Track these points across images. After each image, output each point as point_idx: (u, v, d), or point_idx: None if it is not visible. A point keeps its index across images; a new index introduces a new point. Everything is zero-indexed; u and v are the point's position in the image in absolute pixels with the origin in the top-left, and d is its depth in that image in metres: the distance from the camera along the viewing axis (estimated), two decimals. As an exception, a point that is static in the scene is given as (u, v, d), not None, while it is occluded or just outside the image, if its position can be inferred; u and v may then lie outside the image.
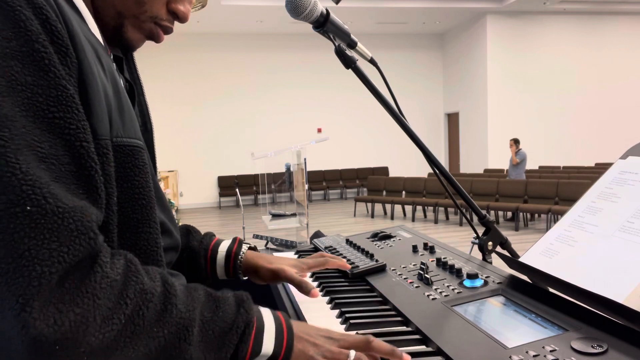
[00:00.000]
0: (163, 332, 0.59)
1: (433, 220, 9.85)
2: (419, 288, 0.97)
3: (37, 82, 0.56)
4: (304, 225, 5.15)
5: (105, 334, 0.54)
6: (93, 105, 0.63)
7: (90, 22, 0.72)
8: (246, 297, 0.71)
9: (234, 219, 11.37)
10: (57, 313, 0.51)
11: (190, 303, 0.64)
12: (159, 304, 0.60)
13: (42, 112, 0.56)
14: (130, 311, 0.57)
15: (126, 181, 0.70)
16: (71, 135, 0.58)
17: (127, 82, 0.87)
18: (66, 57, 0.60)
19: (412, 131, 1.09)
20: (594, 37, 14.02)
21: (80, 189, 0.58)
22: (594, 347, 0.64)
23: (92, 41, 0.69)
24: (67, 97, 0.58)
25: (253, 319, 0.69)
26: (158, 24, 0.80)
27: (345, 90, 13.51)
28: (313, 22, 1.07)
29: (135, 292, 0.58)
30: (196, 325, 0.63)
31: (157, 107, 12.78)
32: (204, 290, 0.69)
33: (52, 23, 0.59)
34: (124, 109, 0.72)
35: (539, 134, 13.79)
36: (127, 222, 0.70)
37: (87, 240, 0.55)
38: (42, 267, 0.51)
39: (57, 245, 0.52)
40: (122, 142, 0.69)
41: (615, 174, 0.94)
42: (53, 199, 0.53)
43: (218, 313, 0.66)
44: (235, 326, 0.67)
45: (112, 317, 0.55)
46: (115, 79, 0.72)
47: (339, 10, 10.98)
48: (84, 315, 0.52)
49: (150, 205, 0.73)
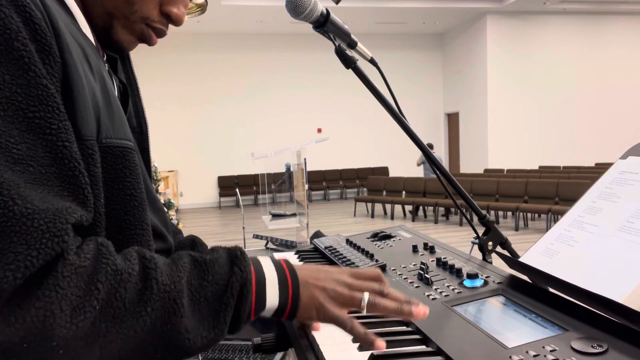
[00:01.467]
0: (146, 310, 0.57)
1: (433, 220, 9.85)
2: (419, 288, 0.97)
3: (15, 80, 0.55)
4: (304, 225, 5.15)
5: (78, 323, 0.52)
6: (78, 105, 0.61)
7: (82, 22, 0.71)
8: (240, 253, 0.68)
9: (234, 219, 11.37)
10: (18, 311, 0.49)
11: (174, 274, 0.61)
12: (138, 282, 0.58)
13: (21, 111, 0.54)
14: (104, 295, 0.54)
15: (117, 183, 0.68)
16: (52, 135, 0.56)
17: (122, 83, 0.85)
18: (49, 56, 0.58)
19: (412, 131, 1.09)
20: (594, 37, 14.02)
21: (64, 191, 0.57)
22: (594, 347, 0.64)
23: (81, 41, 0.67)
24: (48, 96, 0.57)
25: (250, 275, 0.66)
26: (150, 26, 0.77)
27: (345, 90, 13.52)
28: (313, 22, 1.07)
29: (107, 275, 0.55)
30: (185, 296, 0.60)
31: (157, 107, 12.79)
32: (190, 257, 0.65)
33: (35, 21, 0.57)
34: (113, 110, 0.70)
35: (539, 133, 13.79)
36: (118, 224, 0.68)
37: (60, 242, 0.53)
38: (4, 272, 0.49)
39: (24, 249, 0.50)
40: (112, 143, 0.67)
41: (615, 174, 0.94)
42: (22, 201, 0.51)
43: (207, 277, 0.63)
44: (230, 287, 0.63)
45: (83, 305, 0.52)
46: (104, 80, 0.70)
47: (338, 10, 10.98)
48: (47, 308, 0.50)
49: (142, 207, 0.71)
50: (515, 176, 10.42)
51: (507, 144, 13.66)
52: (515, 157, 13.41)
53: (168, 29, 0.80)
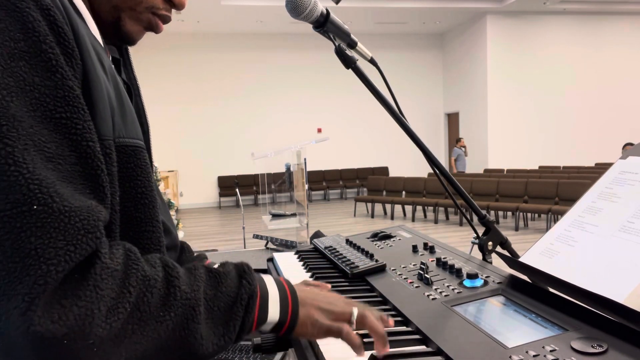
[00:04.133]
0: (170, 315, 0.60)
1: (433, 220, 9.84)
2: (419, 288, 0.97)
3: (44, 82, 0.57)
4: (304, 225, 5.15)
5: (112, 323, 0.54)
6: (97, 106, 0.64)
7: (91, 24, 0.73)
8: (247, 268, 0.72)
9: (234, 219, 11.37)
10: (60, 309, 0.52)
11: (193, 283, 0.65)
12: (162, 288, 0.61)
13: (49, 112, 0.57)
14: (134, 299, 0.57)
15: (129, 181, 0.70)
16: (77, 135, 0.59)
17: (125, 84, 0.87)
18: (72, 59, 0.60)
19: (412, 131, 1.09)
20: (594, 37, 14.02)
21: (87, 189, 0.59)
22: (594, 347, 0.64)
23: (94, 42, 0.70)
24: (74, 97, 0.59)
25: (256, 289, 0.70)
26: (155, 14, 0.80)
27: (345, 90, 13.52)
28: (313, 22, 1.07)
29: (138, 280, 0.59)
30: (202, 304, 0.64)
31: (157, 107, 12.79)
32: (205, 269, 0.69)
33: (59, 25, 0.59)
34: (126, 109, 0.73)
35: (539, 134, 13.79)
36: (131, 222, 0.71)
37: (94, 239, 0.56)
38: (48, 266, 0.51)
39: (63, 244, 0.53)
40: (125, 142, 0.70)
41: (615, 174, 0.94)
42: (60, 198, 0.54)
43: (221, 288, 0.67)
44: (240, 299, 0.68)
45: (117, 306, 0.55)
46: (116, 80, 0.73)
47: (338, 10, 10.98)
48: (88, 307, 0.53)
49: (152, 205, 0.74)
50: (515, 176, 10.42)
51: (507, 144, 13.65)
52: (515, 157, 13.41)
53: (172, 14, 0.84)
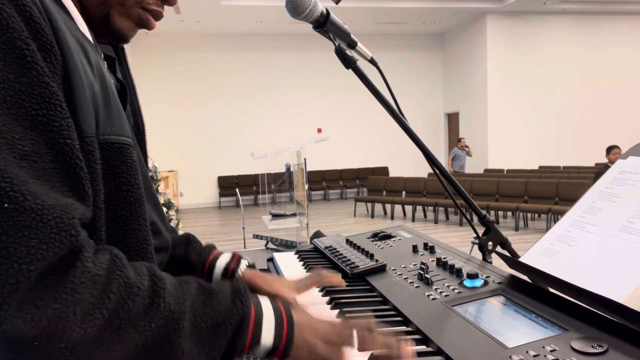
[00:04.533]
0: (150, 326, 0.58)
1: (433, 220, 9.84)
2: (419, 288, 0.97)
3: (19, 79, 0.56)
4: (304, 225, 5.15)
5: (87, 329, 0.53)
6: (78, 102, 0.63)
7: (79, 20, 0.72)
8: (243, 289, 0.70)
9: (234, 219, 11.37)
10: (35, 309, 0.51)
11: (180, 296, 0.63)
12: (146, 297, 0.59)
13: (24, 109, 0.56)
14: (113, 305, 0.56)
15: (114, 178, 0.69)
16: (54, 132, 0.58)
17: (119, 82, 0.86)
18: (50, 55, 0.59)
19: (412, 131, 1.09)
20: (594, 37, 14.02)
21: (65, 187, 0.58)
22: (594, 347, 0.64)
23: (79, 38, 0.68)
24: (51, 94, 0.58)
25: (250, 310, 0.68)
26: (146, 9, 0.79)
27: (345, 90, 13.51)
28: (313, 22, 1.07)
29: (119, 287, 0.57)
30: (186, 318, 0.62)
31: (157, 107, 12.79)
32: (196, 283, 0.67)
33: (35, 20, 0.58)
34: (112, 106, 0.71)
35: (539, 133, 13.78)
36: (116, 220, 0.70)
37: (68, 237, 0.54)
38: (20, 265, 0.50)
39: (35, 243, 0.52)
40: (110, 139, 0.69)
41: (616, 174, 0.94)
42: (32, 196, 0.53)
43: (210, 305, 0.65)
44: (230, 319, 0.66)
45: (93, 311, 0.54)
46: (103, 77, 0.71)
47: (338, 10, 10.98)
48: (63, 310, 0.52)
49: (139, 203, 0.72)
50: (515, 176, 10.42)
51: (507, 144, 13.65)
52: (515, 157, 13.41)
53: (164, 10, 0.82)
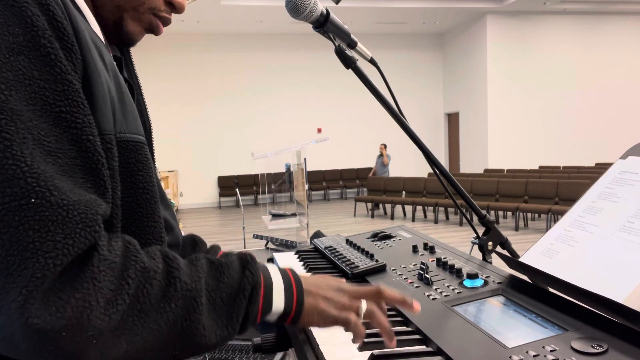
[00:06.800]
0: (170, 307, 0.60)
1: (433, 220, 9.84)
2: (419, 288, 0.97)
3: (43, 76, 0.57)
4: (304, 225, 5.15)
5: (111, 315, 0.54)
6: (97, 101, 0.64)
7: (92, 20, 0.73)
8: (250, 259, 0.72)
9: (234, 219, 11.37)
10: (58, 301, 0.52)
11: (194, 274, 0.64)
12: (162, 280, 0.61)
13: (48, 106, 0.57)
14: (133, 290, 0.57)
15: (130, 176, 0.70)
16: (77, 129, 0.59)
17: (126, 82, 0.87)
18: (71, 53, 0.61)
19: (412, 131, 1.09)
20: (594, 37, 14.02)
21: (87, 183, 0.59)
22: (594, 347, 0.64)
23: (95, 39, 0.70)
24: (73, 92, 0.59)
25: (259, 279, 0.70)
26: (157, 16, 0.81)
27: (345, 90, 13.51)
28: (313, 22, 1.07)
29: (137, 271, 0.58)
30: (203, 295, 0.64)
31: (157, 107, 12.78)
32: (206, 259, 0.69)
33: (58, 20, 0.60)
34: (127, 105, 0.73)
35: (539, 133, 13.79)
36: (132, 217, 0.71)
37: (92, 232, 0.55)
38: (45, 259, 0.51)
39: (61, 238, 0.53)
40: (126, 137, 0.70)
41: (615, 174, 0.94)
42: (58, 192, 0.54)
43: (223, 279, 0.67)
44: (242, 289, 0.67)
45: (115, 298, 0.55)
46: (117, 76, 0.73)
47: (338, 10, 10.97)
48: (86, 299, 0.53)
49: (154, 200, 0.74)
50: (515, 176, 10.42)
51: (507, 144, 13.65)
52: (515, 157, 13.41)
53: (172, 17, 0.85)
